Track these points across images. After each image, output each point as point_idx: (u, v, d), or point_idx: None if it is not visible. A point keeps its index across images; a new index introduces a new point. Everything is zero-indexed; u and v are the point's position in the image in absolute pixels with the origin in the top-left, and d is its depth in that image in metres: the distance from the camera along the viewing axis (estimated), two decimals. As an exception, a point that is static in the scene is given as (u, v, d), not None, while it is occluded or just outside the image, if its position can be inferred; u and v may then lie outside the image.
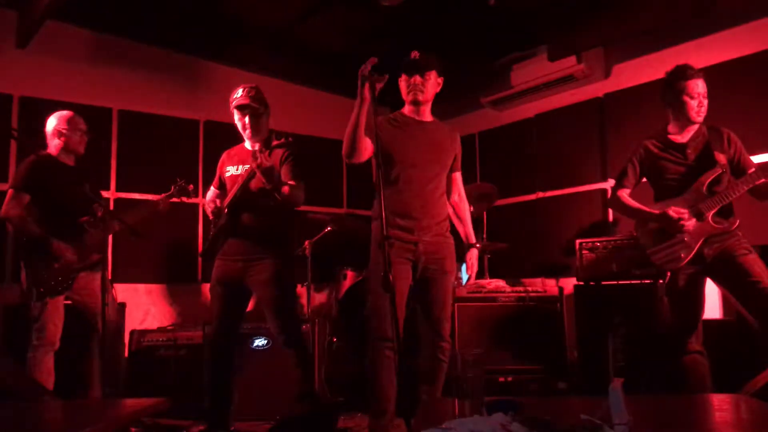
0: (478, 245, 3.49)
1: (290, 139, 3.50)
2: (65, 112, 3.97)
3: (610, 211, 5.28)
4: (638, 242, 3.55)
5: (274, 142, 3.52)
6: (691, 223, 3.28)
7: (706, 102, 3.34)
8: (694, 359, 3.31)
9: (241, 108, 3.56)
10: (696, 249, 3.27)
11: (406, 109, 3.35)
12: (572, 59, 5.29)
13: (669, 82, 3.40)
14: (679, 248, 3.31)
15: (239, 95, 3.56)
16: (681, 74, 3.35)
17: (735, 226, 3.25)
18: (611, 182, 5.26)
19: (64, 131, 3.90)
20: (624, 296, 4.28)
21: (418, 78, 3.23)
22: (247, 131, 3.59)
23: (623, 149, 5.02)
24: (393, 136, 3.22)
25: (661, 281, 3.82)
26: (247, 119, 3.57)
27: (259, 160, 3.25)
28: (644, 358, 3.85)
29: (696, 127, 3.40)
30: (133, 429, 3.53)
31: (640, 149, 3.53)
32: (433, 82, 3.29)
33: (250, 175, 3.44)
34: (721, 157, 3.29)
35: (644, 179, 3.56)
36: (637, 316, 4.14)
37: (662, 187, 3.46)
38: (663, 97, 3.44)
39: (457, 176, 3.49)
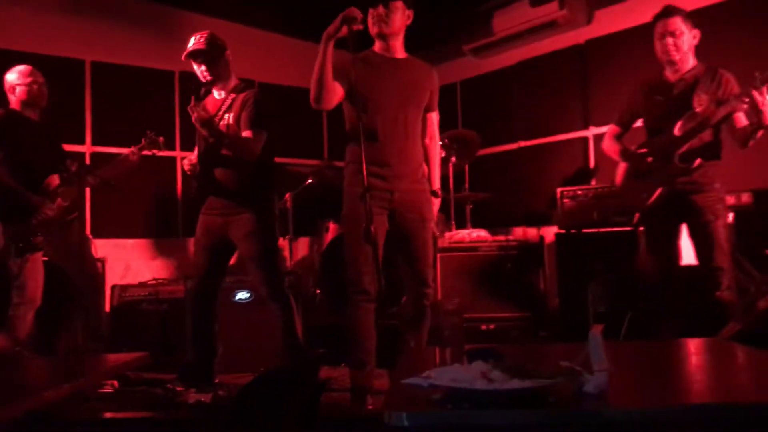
0: (439, 194, 3.34)
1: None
2: (21, 66, 3.89)
3: (592, 159, 5.29)
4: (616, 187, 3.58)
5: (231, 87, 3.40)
6: (658, 163, 3.28)
7: (678, 41, 3.25)
8: (668, 306, 3.36)
9: (193, 56, 3.43)
10: (660, 190, 3.28)
11: (376, 46, 3.18)
12: (554, 5, 5.21)
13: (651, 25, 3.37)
14: (644, 188, 3.32)
15: (190, 44, 3.43)
16: (655, 17, 3.32)
17: (696, 164, 3.20)
18: (593, 130, 5.28)
19: (18, 84, 3.83)
20: (605, 244, 4.31)
21: (381, 8, 3.05)
22: (208, 79, 3.45)
23: (605, 97, 5.01)
24: (362, 77, 3.03)
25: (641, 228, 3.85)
26: (203, 67, 3.44)
27: (195, 115, 3.18)
28: (624, 304, 3.90)
29: (688, 66, 3.33)
30: (116, 383, 3.55)
31: (633, 91, 3.54)
32: (400, 14, 3.09)
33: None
34: (703, 98, 3.21)
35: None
36: (618, 264, 4.17)
37: (649, 128, 3.46)
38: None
39: (432, 117, 3.33)
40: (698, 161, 3.21)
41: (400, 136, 3.12)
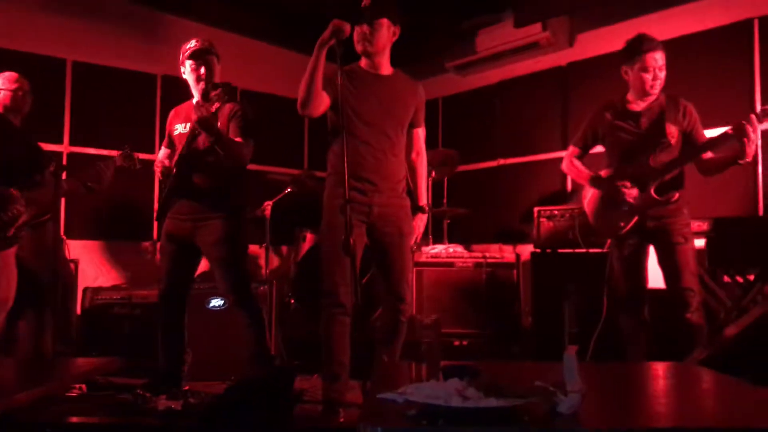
0: (426, 209, 3.37)
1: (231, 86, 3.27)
2: (8, 73, 3.88)
3: (569, 179, 5.34)
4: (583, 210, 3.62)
5: (212, 94, 3.35)
6: (633, 193, 3.32)
7: (662, 74, 3.31)
8: (636, 328, 3.40)
9: (197, 55, 3.41)
10: (636, 219, 3.31)
11: (363, 62, 3.21)
12: (538, 26, 5.28)
13: (626, 53, 3.38)
14: (619, 216, 3.35)
15: (193, 44, 3.43)
16: (637, 46, 3.32)
17: (675, 198, 3.25)
18: (571, 151, 5.34)
19: (2, 89, 3.81)
20: (580, 264, 4.34)
21: (366, 27, 3.07)
22: (202, 83, 3.42)
23: (584, 118, 5.06)
24: (347, 91, 3.04)
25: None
26: (203, 69, 3.42)
27: (197, 112, 3.16)
28: (595, 325, 3.94)
29: (654, 96, 3.37)
30: (84, 387, 3.50)
31: (597, 115, 3.54)
32: (385, 31, 3.11)
33: (194, 132, 3.30)
34: (673, 129, 3.28)
35: (601, 148, 3.58)
36: (593, 284, 4.21)
37: (614, 155, 3.47)
38: (621, 67, 3.44)
39: (419, 133, 3.35)
40: (677, 195, 3.26)
41: (381, 152, 3.13)
